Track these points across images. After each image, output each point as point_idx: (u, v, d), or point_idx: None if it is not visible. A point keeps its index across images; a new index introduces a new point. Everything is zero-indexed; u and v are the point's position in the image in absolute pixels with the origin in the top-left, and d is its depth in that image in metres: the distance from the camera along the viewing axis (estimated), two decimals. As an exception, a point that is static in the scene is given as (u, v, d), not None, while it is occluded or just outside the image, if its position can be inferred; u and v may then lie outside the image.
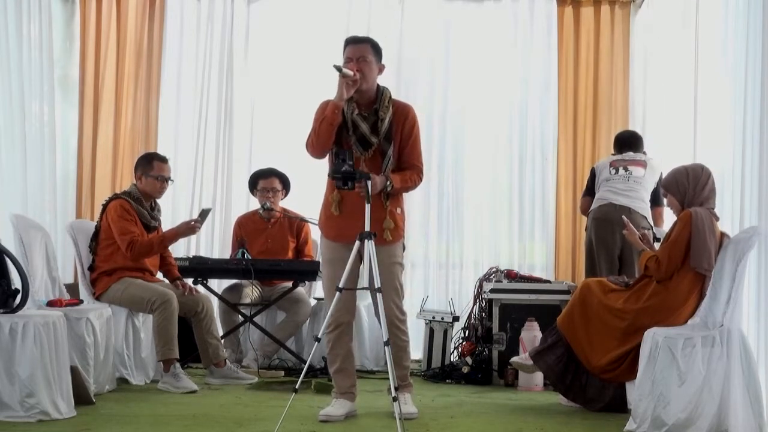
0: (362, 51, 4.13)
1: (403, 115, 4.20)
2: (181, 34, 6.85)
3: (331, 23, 6.84)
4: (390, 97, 4.21)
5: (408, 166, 4.22)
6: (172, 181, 5.38)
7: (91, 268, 5.18)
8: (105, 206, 5.21)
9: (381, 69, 4.21)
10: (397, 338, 4.24)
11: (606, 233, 5.41)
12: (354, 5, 6.84)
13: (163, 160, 5.29)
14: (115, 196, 5.23)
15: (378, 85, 4.20)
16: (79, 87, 6.83)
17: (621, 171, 5.56)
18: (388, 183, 4.09)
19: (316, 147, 4.09)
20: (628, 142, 5.78)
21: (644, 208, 5.49)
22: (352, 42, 4.19)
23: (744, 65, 4.61)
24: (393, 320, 4.21)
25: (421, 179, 4.27)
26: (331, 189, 4.16)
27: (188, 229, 5.25)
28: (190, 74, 6.83)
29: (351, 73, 4.00)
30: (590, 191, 5.72)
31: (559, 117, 6.84)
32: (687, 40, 5.70)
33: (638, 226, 5.22)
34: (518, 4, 6.84)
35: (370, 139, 4.12)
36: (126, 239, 5.05)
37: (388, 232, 4.16)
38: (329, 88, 6.61)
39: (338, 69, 3.96)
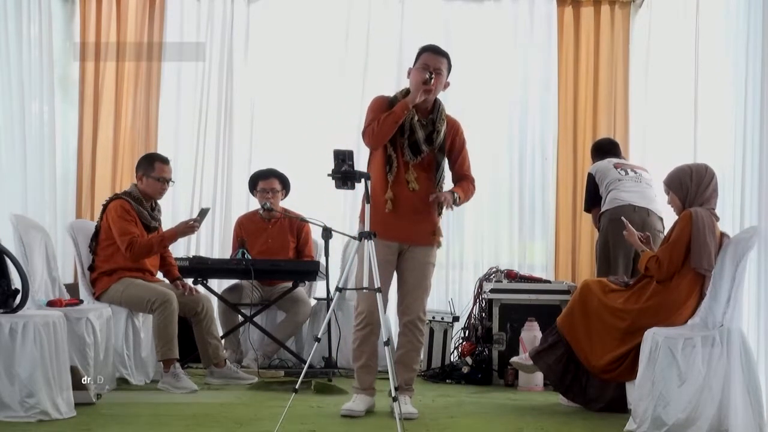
0: (440, 63, 4.25)
1: (455, 129, 4.38)
2: (181, 34, 6.85)
3: (331, 23, 6.86)
4: (444, 110, 4.35)
5: (462, 177, 4.41)
6: (173, 182, 5.38)
7: (91, 268, 5.18)
8: (105, 206, 5.21)
9: (446, 86, 4.33)
10: (414, 338, 4.32)
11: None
12: (354, 5, 6.85)
13: (165, 161, 5.29)
14: (116, 197, 5.23)
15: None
16: (79, 87, 6.83)
17: (630, 172, 5.47)
18: (456, 197, 4.24)
19: (377, 137, 4.17)
20: (610, 149, 5.74)
21: (660, 210, 5.39)
22: (432, 51, 4.28)
23: (744, 65, 4.60)
24: (414, 319, 4.30)
25: (475, 188, 4.44)
26: (383, 188, 4.20)
27: (187, 228, 5.25)
28: (190, 74, 6.83)
29: (432, 81, 4.14)
30: (596, 199, 5.55)
31: (559, 117, 6.84)
32: (687, 40, 5.70)
33: (654, 228, 5.19)
34: (518, 4, 6.84)
35: (421, 147, 4.23)
36: (126, 240, 5.05)
37: (438, 234, 4.31)
38: (329, 88, 6.74)
39: (429, 78, 4.12)
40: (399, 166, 4.21)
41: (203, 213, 5.28)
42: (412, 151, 4.22)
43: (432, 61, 4.21)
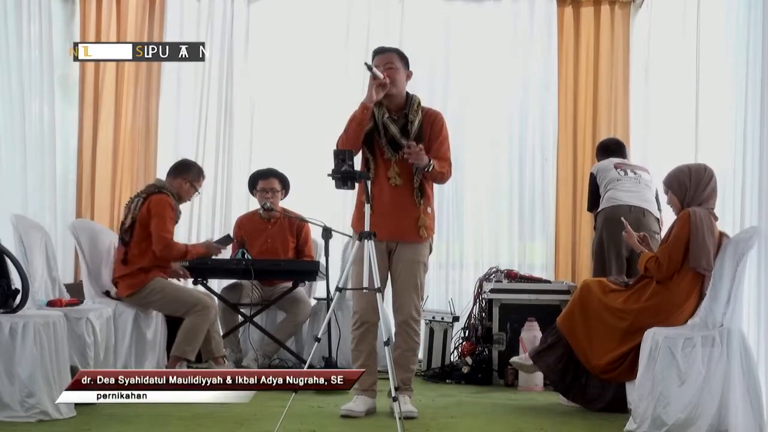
0: (389, 58, 4.31)
1: (432, 117, 4.37)
2: (181, 34, 6.85)
3: (331, 23, 6.85)
4: (419, 103, 4.36)
5: (438, 159, 4.31)
6: (199, 193, 5.60)
7: (124, 261, 5.18)
8: (146, 198, 5.20)
9: (409, 76, 4.38)
10: (409, 338, 4.32)
11: (619, 234, 5.03)
12: (354, 5, 6.84)
13: (204, 176, 5.53)
14: (159, 191, 5.24)
15: (407, 92, 4.35)
16: (79, 87, 6.82)
17: (630, 173, 5.45)
18: (430, 162, 4.18)
19: (345, 142, 4.21)
20: (615, 149, 5.71)
21: (656, 211, 5.39)
22: (379, 52, 4.37)
23: (744, 65, 4.60)
24: (408, 319, 4.30)
25: (451, 172, 4.38)
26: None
27: (215, 251, 5.43)
28: (190, 74, 6.83)
29: (381, 74, 4.15)
30: (598, 199, 5.49)
31: (559, 117, 6.83)
32: (687, 40, 5.70)
33: (650, 229, 5.18)
34: (518, 4, 6.84)
35: (399, 141, 4.25)
36: (166, 238, 5.12)
37: (423, 230, 4.29)
38: (329, 88, 6.74)
39: (369, 68, 4.11)
40: (379, 166, 4.26)
41: (225, 241, 5.49)
42: (393, 147, 4.26)
43: (380, 61, 4.28)
